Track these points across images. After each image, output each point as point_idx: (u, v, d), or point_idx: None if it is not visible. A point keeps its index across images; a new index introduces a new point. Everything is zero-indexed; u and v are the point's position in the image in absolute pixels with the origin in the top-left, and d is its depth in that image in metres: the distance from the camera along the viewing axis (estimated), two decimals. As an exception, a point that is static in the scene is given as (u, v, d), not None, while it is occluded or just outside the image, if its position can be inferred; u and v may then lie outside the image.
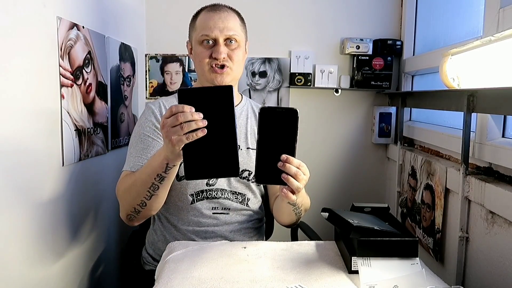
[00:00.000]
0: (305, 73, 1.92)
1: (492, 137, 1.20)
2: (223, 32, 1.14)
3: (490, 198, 1.09)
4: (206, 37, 1.14)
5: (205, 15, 1.17)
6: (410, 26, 1.90)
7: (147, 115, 1.20)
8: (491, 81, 1.06)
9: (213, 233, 1.20)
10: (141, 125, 1.19)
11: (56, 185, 1.18)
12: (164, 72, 1.97)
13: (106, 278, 1.54)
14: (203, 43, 1.15)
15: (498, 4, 1.15)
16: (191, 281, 0.87)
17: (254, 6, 1.94)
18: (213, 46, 1.15)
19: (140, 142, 1.16)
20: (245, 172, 1.22)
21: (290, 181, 0.87)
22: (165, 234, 1.23)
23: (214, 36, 1.14)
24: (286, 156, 0.87)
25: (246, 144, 1.23)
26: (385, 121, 1.97)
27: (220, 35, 1.14)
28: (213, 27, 1.14)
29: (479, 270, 1.17)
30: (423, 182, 1.51)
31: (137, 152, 1.14)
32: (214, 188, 1.20)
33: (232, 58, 1.16)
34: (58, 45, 1.15)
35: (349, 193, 2.04)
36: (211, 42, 1.15)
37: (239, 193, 1.22)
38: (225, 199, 1.20)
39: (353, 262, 0.92)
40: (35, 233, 1.09)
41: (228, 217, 1.22)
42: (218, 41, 1.14)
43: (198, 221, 1.19)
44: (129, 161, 1.14)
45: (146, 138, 1.16)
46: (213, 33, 1.14)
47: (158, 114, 1.19)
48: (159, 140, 1.15)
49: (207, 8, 1.19)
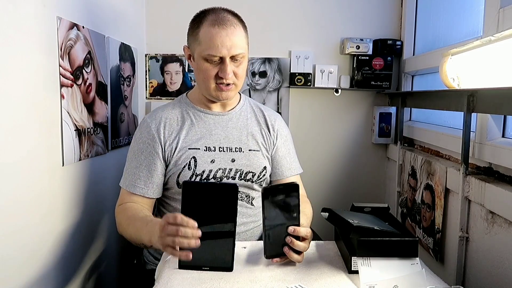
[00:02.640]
0: (305, 73, 1.92)
1: (492, 137, 1.20)
2: (231, 51, 1.10)
3: (490, 198, 1.09)
4: (212, 57, 1.11)
5: (211, 30, 1.10)
6: (410, 26, 1.90)
7: (142, 130, 1.20)
8: (491, 81, 1.06)
9: None
10: (136, 140, 1.20)
11: (56, 185, 1.18)
12: (164, 72, 1.97)
13: (106, 278, 1.54)
14: (209, 61, 1.12)
15: (498, 4, 1.15)
16: (191, 281, 0.87)
17: (254, 6, 1.94)
18: (218, 64, 1.12)
19: (134, 159, 1.19)
20: (248, 174, 1.21)
21: (293, 256, 0.95)
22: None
23: (221, 55, 1.10)
24: (293, 228, 0.94)
25: (248, 146, 1.23)
26: (385, 121, 1.97)
27: (227, 54, 1.10)
28: (220, 47, 1.09)
29: (479, 270, 1.17)
30: (423, 182, 1.51)
31: (131, 170, 1.18)
32: None
33: (238, 74, 1.15)
34: (58, 45, 1.15)
35: (349, 193, 2.04)
36: (217, 60, 1.12)
37: (243, 192, 1.22)
38: None
39: (353, 262, 0.92)
40: (35, 233, 1.09)
41: None
42: (224, 60, 1.11)
43: None
44: (125, 178, 1.19)
45: (140, 155, 1.18)
46: (221, 53, 1.10)
47: (154, 130, 1.19)
48: (151, 158, 1.17)
49: (210, 18, 1.12)
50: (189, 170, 1.16)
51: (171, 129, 1.19)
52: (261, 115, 1.29)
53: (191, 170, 1.16)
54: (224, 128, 1.22)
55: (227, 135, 1.21)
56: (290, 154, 1.31)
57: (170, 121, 1.20)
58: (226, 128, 1.22)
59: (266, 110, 1.31)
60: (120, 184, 1.19)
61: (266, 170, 1.24)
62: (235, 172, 1.20)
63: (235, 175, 1.20)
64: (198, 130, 1.20)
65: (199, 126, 1.21)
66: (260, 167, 1.22)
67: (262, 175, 1.23)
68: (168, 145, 1.18)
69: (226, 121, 1.23)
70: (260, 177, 1.23)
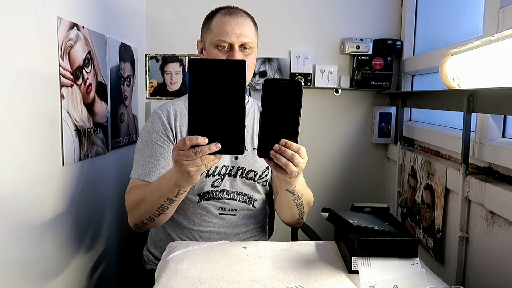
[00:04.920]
0: (305, 73, 1.92)
1: (492, 137, 1.20)
2: (240, 38, 1.13)
3: (490, 198, 1.09)
4: (222, 42, 1.13)
5: (222, 18, 1.15)
6: (410, 26, 1.90)
7: (154, 121, 1.19)
8: (491, 81, 1.06)
9: (217, 235, 1.20)
10: (148, 131, 1.19)
11: (56, 185, 1.18)
12: (164, 72, 1.97)
13: (106, 277, 1.54)
14: (219, 47, 1.15)
15: (498, 4, 1.15)
16: (191, 281, 0.87)
17: (254, 6, 1.93)
18: (228, 51, 1.15)
19: (147, 149, 1.16)
20: (251, 172, 1.22)
21: (287, 165, 0.85)
22: (170, 233, 1.23)
23: (230, 42, 1.13)
24: (285, 141, 0.84)
25: (252, 145, 1.23)
26: (385, 121, 1.97)
27: (236, 41, 1.13)
28: (230, 33, 1.13)
29: (479, 270, 1.17)
30: (423, 182, 1.51)
31: (145, 159, 1.15)
32: (220, 189, 1.20)
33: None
34: (58, 45, 1.15)
35: (349, 193, 2.04)
36: (227, 47, 1.14)
37: (245, 193, 1.23)
38: (231, 199, 1.21)
39: (353, 262, 0.92)
40: (35, 233, 1.09)
41: (234, 219, 1.22)
42: (234, 47, 1.14)
43: (204, 220, 1.20)
44: (137, 168, 1.15)
45: (153, 145, 1.16)
46: (230, 39, 1.13)
47: (165, 120, 1.18)
48: (166, 147, 1.16)
49: (223, 11, 1.17)
50: None
51: (182, 121, 1.19)
52: None
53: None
54: None
55: None
56: None
57: (181, 114, 1.20)
58: None
59: None
60: (131, 176, 1.16)
61: (269, 170, 1.24)
62: (237, 169, 1.20)
63: (237, 173, 1.20)
64: None
65: None
66: (262, 167, 1.23)
67: (264, 175, 1.23)
68: (180, 135, 1.18)
69: None
70: (262, 177, 1.23)
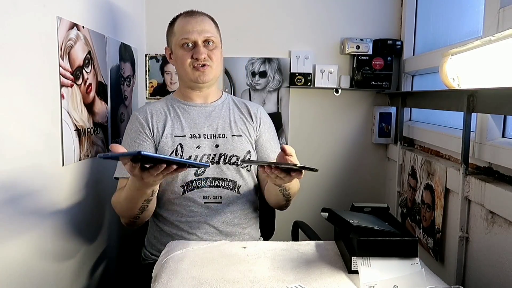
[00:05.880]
0: (305, 73, 1.92)
1: (492, 137, 1.20)
2: (202, 35, 1.23)
3: (490, 198, 1.09)
4: (186, 40, 1.23)
5: (182, 20, 1.26)
6: (410, 26, 1.90)
7: (132, 122, 1.29)
8: (491, 81, 1.06)
9: (205, 224, 1.23)
10: (127, 132, 1.28)
11: (56, 185, 1.18)
12: (164, 72, 1.97)
13: (106, 277, 1.54)
14: (184, 46, 1.23)
15: (498, 4, 1.15)
16: (191, 281, 0.87)
17: (254, 6, 1.94)
18: (193, 49, 1.23)
19: (128, 149, 1.21)
20: (233, 157, 1.26)
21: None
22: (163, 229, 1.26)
23: (193, 39, 1.22)
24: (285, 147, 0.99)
25: (231, 132, 1.29)
26: (385, 121, 1.97)
27: (199, 37, 1.22)
28: (191, 31, 1.22)
29: (479, 270, 1.17)
30: (423, 182, 1.51)
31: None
32: (203, 178, 1.24)
33: (212, 57, 1.25)
34: (58, 45, 1.15)
35: (349, 193, 2.04)
36: (191, 44, 1.23)
37: (230, 179, 1.26)
38: (216, 187, 1.25)
39: (353, 262, 0.92)
40: (35, 233, 1.09)
41: (220, 207, 1.24)
42: (197, 43, 1.23)
43: (191, 211, 1.23)
44: (121, 167, 1.21)
45: (133, 143, 1.25)
46: (192, 36, 1.22)
47: (142, 119, 1.27)
48: (145, 144, 1.24)
49: (183, 14, 1.28)
50: (176, 155, 1.22)
51: (158, 118, 1.28)
52: (243, 106, 1.37)
53: (178, 155, 1.22)
54: (208, 118, 1.30)
55: (211, 123, 1.29)
56: (273, 139, 1.37)
57: (157, 112, 1.29)
58: (210, 117, 1.30)
59: (247, 102, 1.39)
60: (115, 176, 1.23)
61: (251, 154, 1.29)
62: (219, 156, 1.25)
63: (219, 159, 1.25)
64: (183, 120, 1.28)
65: (184, 116, 1.28)
66: (244, 150, 1.28)
67: (247, 158, 1.28)
68: (156, 131, 1.25)
69: (209, 112, 1.31)
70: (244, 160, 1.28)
